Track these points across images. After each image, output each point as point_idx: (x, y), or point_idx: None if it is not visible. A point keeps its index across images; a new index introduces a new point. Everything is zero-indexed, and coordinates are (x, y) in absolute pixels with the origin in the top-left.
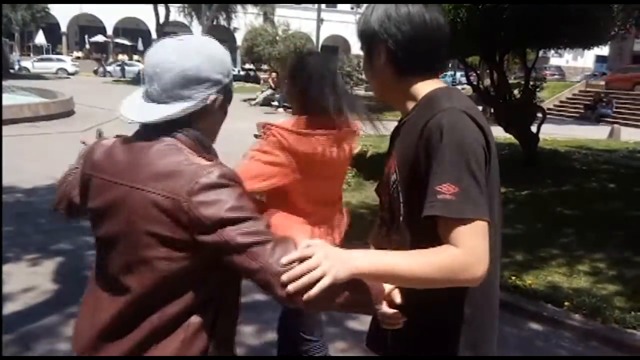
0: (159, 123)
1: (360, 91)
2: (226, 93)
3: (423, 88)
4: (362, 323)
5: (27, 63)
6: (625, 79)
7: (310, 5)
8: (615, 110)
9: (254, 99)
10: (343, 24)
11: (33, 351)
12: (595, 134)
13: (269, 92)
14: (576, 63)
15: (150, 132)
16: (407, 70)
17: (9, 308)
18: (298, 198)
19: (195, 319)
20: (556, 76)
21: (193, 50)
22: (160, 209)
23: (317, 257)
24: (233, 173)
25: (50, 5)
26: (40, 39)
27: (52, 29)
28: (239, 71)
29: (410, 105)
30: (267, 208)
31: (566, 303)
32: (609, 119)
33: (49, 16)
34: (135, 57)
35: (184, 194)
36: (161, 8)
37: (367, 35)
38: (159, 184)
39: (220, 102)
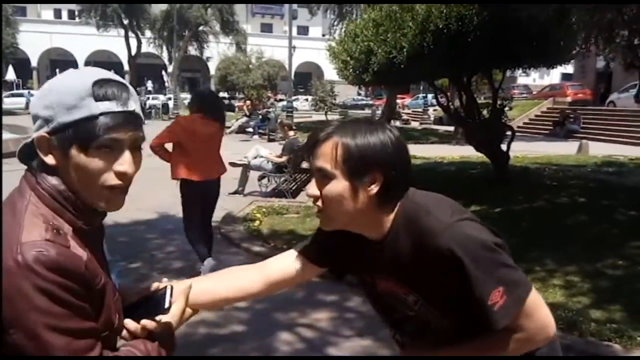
0: (29, 171)
1: (335, 116)
2: (65, 135)
3: (394, 209)
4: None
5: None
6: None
7: (282, 34)
8: (583, 125)
9: (229, 127)
10: (315, 51)
11: None
12: (564, 149)
13: (244, 119)
14: (543, 81)
15: None
16: (393, 198)
17: None
18: (189, 150)
19: None
20: (524, 95)
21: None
22: None
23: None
24: (53, 256)
25: (19, 40)
26: (10, 74)
27: (22, 64)
28: None
29: (384, 228)
30: (173, 152)
31: None
32: (578, 135)
33: (19, 51)
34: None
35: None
36: (132, 40)
37: (358, 161)
38: None
39: (54, 146)
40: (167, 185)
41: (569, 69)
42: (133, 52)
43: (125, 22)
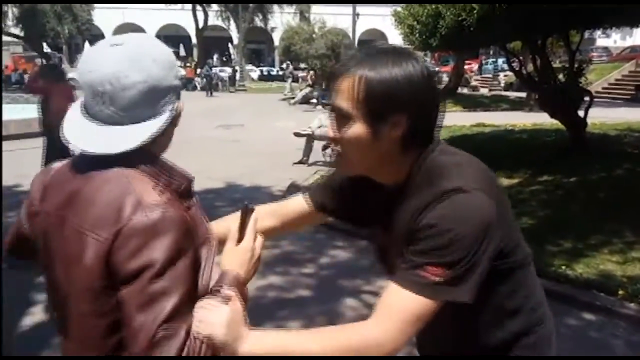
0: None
1: None
2: (179, 99)
3: (420, 155)
4: None
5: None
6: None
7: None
8: None
9: (293, 98)
10: (379, 17)
11: None
12: None
13: (308, 90)
14: (625, 43)
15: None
16: (418, 144)
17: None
18: None
19: None
20: (604, 58)
21: (147, 58)
22: (92, 253)
23: (222, 314)
24: (175, 216)
25: (94, 17)
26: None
27: (97, 40)
28: (277, 71)
29: (402, 175)
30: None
31: (620, 291)
32: None
33: (94, 28)
34: (178, 62)
35: (112, 235)
36: (199, 13)
37: (380, 101)
38: (98, 223)
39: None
40: (237, 157)
41: None
42: (200, 25)
43: None
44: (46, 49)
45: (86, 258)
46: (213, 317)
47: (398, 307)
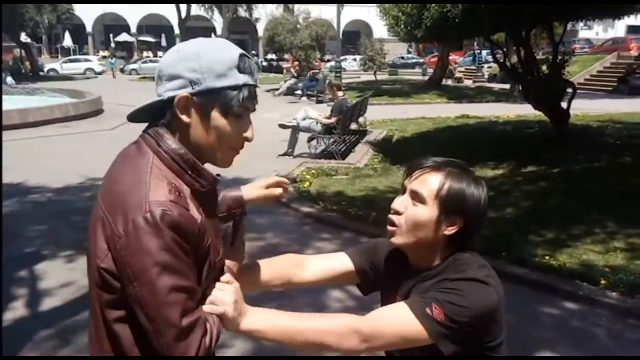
0: (147, 133)
1: (384, 75)
2: (210, 98)
3: (456, 252)
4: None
5: (55, 65)
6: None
7: None
8: None
9: (278, 89)
10: (364, 8)
11: (73, 344)
12: (629, 107)
13: (292, 81)
14: (606, 35)
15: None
16: (460, 244)
17: (48, 304)
18: None
19: None
20: (586, 49)
21: (175, 49)
22: (102, 235)
23: (229, 294)
24: (175, 217)
25: (74, 6)
26: (67, 40)
27: (78, 30)
28: (261, 62)
29: (433, 263)
30: None
31: (602, 281)
32: None
33: (74, 17)
34: (160, 53)
35: (120, 230)
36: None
37: (454, 203)
38: (112, 209)
39: (195, 106)
40: None
41: (634, 20)
42: (183, 15)
43: None
44: (25, 38)
45: (98, 236)
46: (224, 297)
47: (393, 317)
